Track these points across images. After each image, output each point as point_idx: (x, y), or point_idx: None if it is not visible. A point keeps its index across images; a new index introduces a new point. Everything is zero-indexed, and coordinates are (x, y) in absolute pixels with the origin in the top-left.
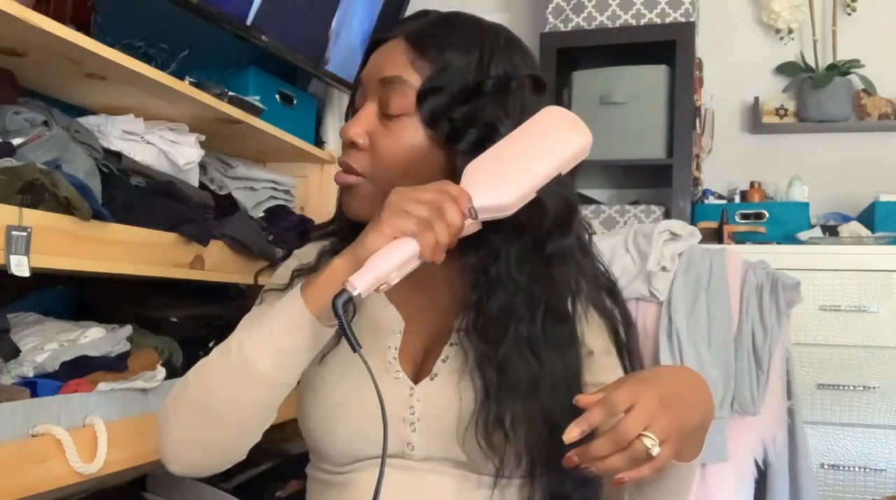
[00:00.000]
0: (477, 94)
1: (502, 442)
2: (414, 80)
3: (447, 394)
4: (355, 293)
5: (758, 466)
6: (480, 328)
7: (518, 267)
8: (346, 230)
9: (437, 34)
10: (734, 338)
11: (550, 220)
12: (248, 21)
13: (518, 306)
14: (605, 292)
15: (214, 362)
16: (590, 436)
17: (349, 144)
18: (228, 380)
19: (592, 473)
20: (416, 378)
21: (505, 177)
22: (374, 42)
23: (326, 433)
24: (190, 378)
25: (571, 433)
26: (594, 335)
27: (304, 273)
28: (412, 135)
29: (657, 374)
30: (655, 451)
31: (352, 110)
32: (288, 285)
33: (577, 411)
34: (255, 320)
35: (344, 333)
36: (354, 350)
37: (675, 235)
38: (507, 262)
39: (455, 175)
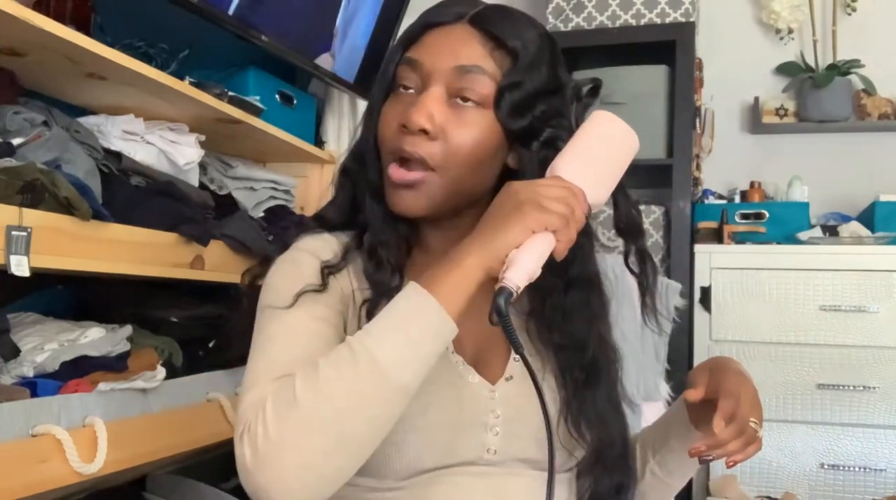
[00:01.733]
0: (552, 93)
1: (592, 435)
2: (492, 70)
3: (529, 395)
4: (514, 288)
5: None
6: (562, 328)
7: (591, 267)
8: (382, 226)
9: (511, 26)
10: (639, 335)
11: (622, 221)
12: (230, 11)
13: (595, 304)
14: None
15: (337, 378)
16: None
17: (418, 131)
18: (364, 397)
19: (713, 459)
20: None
21: (595, 177)
22: (427, 24)
23: (395, 446)
24: (301, 397)
25: (720, 424)
26: None
27: (333, 270)
28: (484, 127)
29: (736, 365)
30: (761, 433)
31: (385, 94)
32: (324, 286)
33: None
34: (317, 326)
35: (508, 333)
36: (518, 352)
37: None
38: (584, 263)
39: (505, 172)
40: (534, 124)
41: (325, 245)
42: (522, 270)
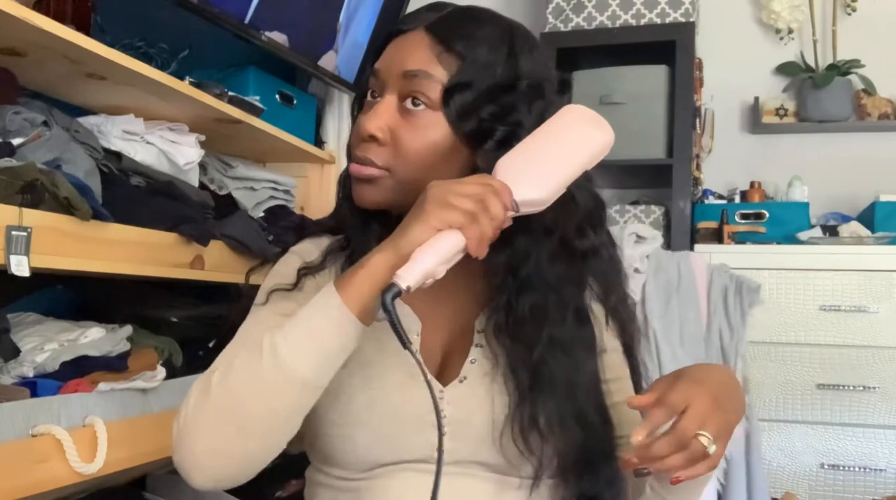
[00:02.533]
0: (506, 92)
1: (539, 443)
2: (440, 74)
3: (479, 396)
4: (404, 287)
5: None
6: (512, 330)
7: (549, 267)
8: (356, 227)
9: (463, 28)
10: (704, 337)
11: (582, 216)
12: (246, 20)
13: (550, 306)
14: (619, 289)
15: (243, 369)
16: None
17: (368, 138)
18: (263, 387)
19: (649, 473)
20: (442, 381)
21: (539, 172)
22: (391, 33)
23: (346, 440)
24: (214, 387)
25: (639, 436)
26: (607, 334)
27: (311, 272)
28: (436, 130)
29: (705, 373)
30: (712, 449)
31: (361, 102)
32: (295, 285)
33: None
34: (280, 322)
35: (395, 329)
36: (405, 347)
37: (640, 238)
38: (538, 262)
39: (474, 172)
40: (484, 124)
41: (315, 248)
42: (417, 268)
